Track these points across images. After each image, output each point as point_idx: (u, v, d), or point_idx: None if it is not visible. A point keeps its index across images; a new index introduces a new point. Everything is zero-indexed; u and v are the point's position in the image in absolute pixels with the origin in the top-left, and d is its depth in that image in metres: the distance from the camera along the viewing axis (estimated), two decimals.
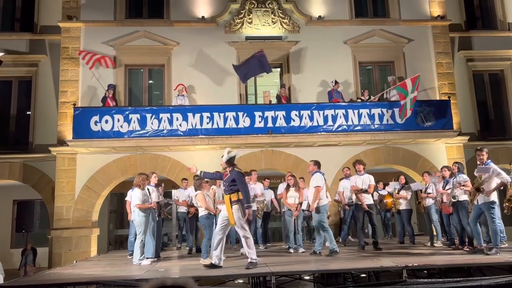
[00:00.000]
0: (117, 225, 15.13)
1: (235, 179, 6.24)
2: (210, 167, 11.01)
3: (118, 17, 12.88)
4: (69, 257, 10.96)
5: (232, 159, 6.44)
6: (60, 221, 11.43)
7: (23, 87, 13.34)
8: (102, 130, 11.18)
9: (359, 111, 11.75)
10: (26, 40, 13.28)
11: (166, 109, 11.64)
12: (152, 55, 12.80)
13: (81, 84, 12.20)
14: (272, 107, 11.78)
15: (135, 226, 7.67)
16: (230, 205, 6.21)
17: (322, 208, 7.67)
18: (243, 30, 12.97)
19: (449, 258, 6.86)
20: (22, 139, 12.85)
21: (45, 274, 7.08)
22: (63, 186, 11.60)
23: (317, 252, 7.70)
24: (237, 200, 6.20)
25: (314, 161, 7.96)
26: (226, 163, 6.39)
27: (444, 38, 13.42)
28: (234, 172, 6.31)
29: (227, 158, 6.39)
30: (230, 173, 6.33)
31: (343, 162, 11.79)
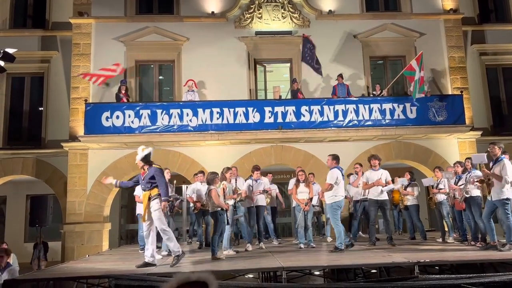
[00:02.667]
0: (128, 220, 15.27)
1: (154, 175, 6.40)
2: (220, 162, 11.13)
3: (128, 13, 12.94)
4: (81, 251, 11.11)
5: (148, 156, 6.53)
6: (72, 216, 11.58)
7: (35, 83, 13.51)
8: (113, 125, 11.27)
9: (370, 106, 11.66)
10: (38, 37, 13.41)
11: (176, 104, 11.68)
12: (162, 51, 12.83)
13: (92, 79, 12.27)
14: (282, 102, 11.75)
15: None
16: (149, 200, 6.38)
17: (335, 205, 7.56)
18: (253, 25, 12.94)
19: (461, 254, 6.80)
20: (35, 134, 13.03)
21: (59, 267, 7.19)
22: (75, 181, 11.74)
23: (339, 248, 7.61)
24: (157, 195, 6.37)
25: (333, 155, 7.78)
26: (142, 161, 6.48)
27: (456, 31, 13.23)
28: (153, 169, 6.46)
29: (142, 156, 6.49)
30: (148, 170, 6.44)
31: (354, 158, 11.73)
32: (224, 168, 8.10)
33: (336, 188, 7.53)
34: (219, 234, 7.26)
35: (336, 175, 7.53)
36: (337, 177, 7.52)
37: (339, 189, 7.55)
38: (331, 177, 7.54)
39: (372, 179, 8.29)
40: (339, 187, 7.55)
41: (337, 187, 7.53)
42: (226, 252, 7.66)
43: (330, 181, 7.53)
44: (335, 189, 7.52)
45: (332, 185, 7.51)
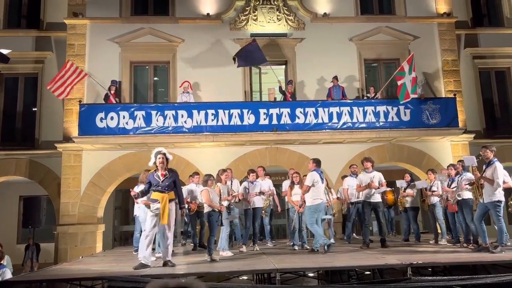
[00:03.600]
0: (122, 221, 15.21)
1: (176, 180, 6.58)
2: (215, 164, 11.14)
3: (123, 14, 12.91)
4: (75, 252, 11.06)
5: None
6: (66, 217, 11.53)
7: (29, 83, 13.44)
8: (107, 126, 11.24)
9: (364, 108, 11.73)
10: (32, 37, 13.35)
11: (171, 106, 11.67)
12: (157, 52, 12.82)
13: (87, 81, 12.25)
14: (277, 104, 11.79)
15: (140, 222, 7.72)
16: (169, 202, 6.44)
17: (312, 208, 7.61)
18: (248, 27, 12.97)
19: (454, 256, 6.85)
20: (29, 135, 12.96)
21: (52, 269, 7.15)
22: (69, 182, 11.68)
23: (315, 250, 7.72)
24: (173, 199, 6.50)
25: (313, 159, 8.00)
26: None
27: (450, 35, 13.35)
28: (175, 174, 6.67)
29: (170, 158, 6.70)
30: (169, 173, 6.54)
31: (348, 160, 11.80)
32: (219, 170, 8.12)
33: (314, 191, 7.58)
34: (214, 235, 7.27)
35: (313, 178, 7.63)
36: (314, 180, 7.60)
37: (318, 192, 7.61)
38: (308, 180, 7.67)
39: (365, 181, 8.36)
40: (317, 190, 7.61)
41: (315, 190, 7.58)
42: (224, 253, 7.67)
43: (307, 183, 7.68)
44: (313, 192, 7.58)
45: (309, 187, 7.61)
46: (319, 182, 7.63)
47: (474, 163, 7.18)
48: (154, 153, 6.61)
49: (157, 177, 6.49)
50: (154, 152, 6.62)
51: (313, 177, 7.63)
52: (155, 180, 6.50)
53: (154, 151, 6.66)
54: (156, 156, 6.56)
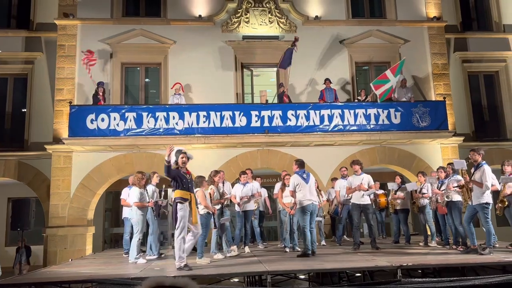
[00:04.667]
0: (113, 224, 15.11)
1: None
2: (206, 166, 11.11)
3: (115, 15, 12.85)
4: (64, 255, 10.95)
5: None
6: (55, 219, 11.41)
7: (18, 84, 13.28)
8: (98, 128, 11.16)
9: (355, 111, 11.80)
10: (22, 37, 13.20)
11: (162, 107, 11.63)
12: (149, 53, 12.78)
13: (77, 82, 12.17)
14: (268, 106, 11.81)
15: (132, 224, 7.68)
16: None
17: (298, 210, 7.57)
18: (240, 29, 12.99)
19: (443, 258, 6.92)
20: (18, 136, 12.80)
21: (41, 272, 7.08)
22: (58, 184, 11.57)
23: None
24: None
25: (296, 160, 7.91)
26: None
27: (440, 39, 13.50)
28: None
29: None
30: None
31: (339, 162, 11.87)
32: (212, 172, 8.11)
33: (301, 193, 7.51)
34: (205, 237, 7.26)
35: (292, 181, 7.60)
36: (294, 183, 7.55)
37: (304, 193, 7.51)
38: (290, 184, 7.67)
39: (354, 183, 8.41)
40: (303, 192, 7.50)
41: (301, 192, 7.50)
42: (215, 256, 7.66)
43: (289, 188, 7.70)
44: (300, 193, 7.51)
45: (292, 192, 7.61)
46: (301, 184, 7.53)
47: (464, 167, 7.27)
48: (175, 151, 6.40)
49: (185, 175, 6.34)
50: (175, 151, 6.41)
51: (294, 180, 7.61)
52: (184, 177, 6.32)
53: (174, 149, 6.42)
54: (178, 155, 6.37)
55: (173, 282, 1.41)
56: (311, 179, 7.70)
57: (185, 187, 6.29)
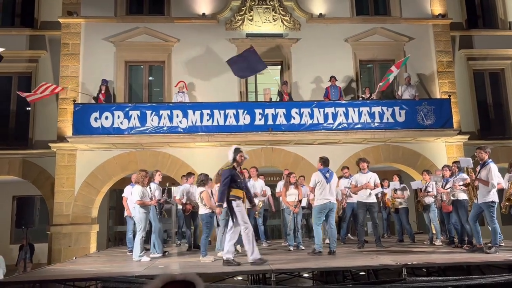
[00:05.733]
0: (117, 222, 15.13)
1: None
2: (210, 164, 11.12)
3: (118, 13, 12.85)
4: (68, 253, 10.98)
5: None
6: (59, 217, 11.44)
7: (23, 82, 13.31)
8: (102, 126, 11.17)
9: (360, 109, 11.75)
10: (26, 36, 13.24)
11: (166, 106, 11.62)
12: (153, 52, 12.77)
13: (81, 80, 12.18)
14: (272, 104, 11.77)
15: (135, 222, 7.68)
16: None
17: (317, 208, 7.47)
18: (244, 27, 12.95)
19: (449, 257, 6.88)
20: (22, 135, 12.84)
21: (45, 270, 7.09)
22: (62, 182, 11.60)
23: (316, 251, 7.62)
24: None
25: (320, 158, 7.77)
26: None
27: (445, 36, 13.41)
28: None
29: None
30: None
31: (343, 160, 11.81)
32: (219, 170, 8.09)
33: (320, 191, 7.44)
34: (208, 236, 7.25)
35: (314, 178, 7.53)
36: (315, 180, 7.49)
37: (323, 192, 7.42)
38: (311, 180, 7.62)
39: (361, 182, 8.37)
40: (323, 190, 7.42)
41: (321, 190, 7.43)
42: (219, 254, 7.64)
43: (310, 184, 7.66)
44: (319, 192, 7.45)
45: (311, 188, 7.58)
46: (322, 182, 7.43)
47: (470, 165, 7.21)
48: (233, 149, 6.44)
49: (239, 174, 6.36)
50: (233, 149, 6.45)
51: (315, 177, 7.54)
52: (238, 177, 6.36)
53: (232, 148, 6.47)
54: (236, 153, 6.39)
55: (184, 277, 1.49)
56: (333, 179, 7.56)
57: (239, 186, 6.33)
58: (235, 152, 6.41)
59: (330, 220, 7.57)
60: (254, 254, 6.28)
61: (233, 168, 6.39)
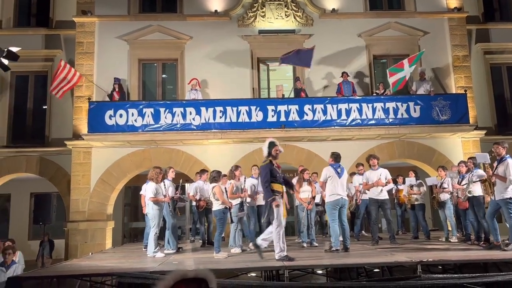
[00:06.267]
0: (132, 218, 15.32)
1: None
2: (223, 161, 11.16)
3: (132, 11, 12.95)
4: (85, 249, 11.15)
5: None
6: (76, 214, 11.63)
7: (39, 81, 13.55)
8: (116, 124, 11.30)
9: (373, 105, 11.64)
10: (42, 35, 13.45)
11: (179, 103, 11.69)
12: (166, 49, 12.84)
13: (96, 78, 12.33)
14: (285, 101, 11.74)
15: (149, 219, 7.76)
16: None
17: (330, 204, 7.41)
18: (256, 24, 12.93)
19: (465, 254, 6.78)
20: (39, 133, 13.07)
21: (62, 265, 7.22)
22: (78, 180, 11.77)
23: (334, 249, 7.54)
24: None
25: (332, 153, 7.71)
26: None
27: (461, 30, 13.17)
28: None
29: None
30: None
31: (357, 157, 11.72)
32: (233, 166, 8.14)
33: (330, 187, 7.38)
34: (222, 232, 7.28)
35: (325, 173, 7.46)
36: (327, 175, 7.41)
37: (334, 188, 7.35)
38: (322, 175, 7.56)
39: (371, 179, 8.30)
40: (333, 186, 7.35)
41: (331, 186, 7.36)
42: (233, 250, 7.68)
43: (320, 179, 7.62)
44: (329, 187, 7.38)
45: (322, 183, 7.54)
46: (334, 177, 7.36)
47: (487, 160, 7.08)
48: (268, 143, 6.32)
49: (276, 169, 6.26)
50: (268, 143, 6.33)
51: (326, 172, 7.48)
52: (276, 171, 6.24)
53: (267, 141, 6.37)
54: (271, 147, 6.27)
55: (196, 273, 1.49)
56: (344, 174, 7.49)
57: (278, 181, 6.24)
58: (270, 146, 6.29)
59: (342, 217, 7.49)
60: (282, 252, 6.20)
61: (270, 163, 6.26)
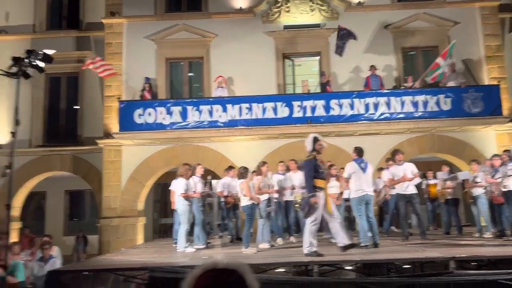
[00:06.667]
0: (161, 214, 15.63)
1: None
2: (249, 157, 11.21)
3: (158, 11, 13.16)
4: (117, 244, 11.47)
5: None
6: (108, 211, 11.97)
7: (71, 82, 14.00)
8: (145, 122, 11.56)
9: (402, 98, 11.42)
10: (72, 38, 13.89)
11: (206, 101, 11.83)
12: (192, 48, 13.00)
13: (125, 78, 12.61)
14: (311, 96, 11.68)
15: (179, 214, 7.91)
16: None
17: (355, 200, 7.32)
18: (281, 19, 12.89)
19: (500, 250, 6.59)
20: (72, 132, 13.54)
21: (97, 260, 7.48)
22: (110, 177, 12.11)
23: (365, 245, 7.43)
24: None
25: (354, 148, 7.62)
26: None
27: (493, 19, 12.71)
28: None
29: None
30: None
31: (386, 151, 11.51)
32: (260, 162, 8.17)
33: (355, 182, 7.26)
34: (250, 227, 7.34)
35: (348, 169, 7.35)
36: (350, 171, 7.31)
37: (359, 184, 7.22)
38: (345, 171, 7.47)
39: (397, 174, 8.16)
40: (358, 181, 7.22)
41: (356, 181, 7.24)
42: (261, 245, 7.73)
43: (344, 175, 7.56)
44: (354, 183, 7.26)
45: (345, 179, 7.46)
46: (358, 172, 7.26)
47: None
48: (312, 139, 6.27)
49: (320, 164, 6.24)
50: (311, 138, 6.28)
51: (349, 168, 7.38)
52: (320, 167, 6.21)
53: (310, 136, 6.34)
54: (315, 142, 6.22)
55: (226, 264, 1.44)
56: (369, 169, 7.36)
57: (321, 177, 6.21)
58: (314, 142, 6.24)
59: (368, 213, 7.36)
60: (311, 247, 6.20)
61: (314, 158, 6.21)
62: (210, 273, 1.42)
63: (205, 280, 1.41)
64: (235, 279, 1.42)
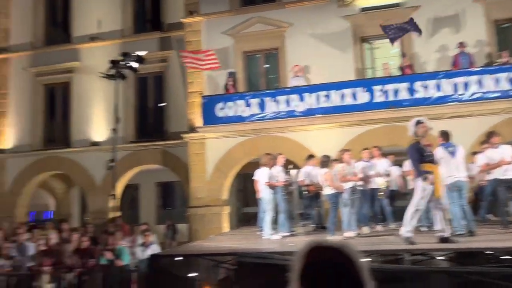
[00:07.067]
0: (244, 204, 16.13)
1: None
2: (328, 146, 11.06)
3: (233, 6, 13.46)
4: (204, 232, 12.09)
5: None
6: (195, 200, 12.65)
7: (156, 81, 14.99)
8: (226, 115, 11.98)
9: (496, 76, 10.45)
10: (156, 39, 14.84)
11: (283, 91, 11.91)
12: (267, 39, 13.11)
13: (206, 74, 13.14)
14: (392, 79, 11.19)
15: (264, 203, 8.13)
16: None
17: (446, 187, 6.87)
18: (357, 2, 12.44)
19: None
20: (159, 128, 14.57)
21: (189, 246, 7.99)
22: (196, 169, 12.76)
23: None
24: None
25: (440, 131, 7.25)
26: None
27: None
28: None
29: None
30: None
31: (478, 134, 10.66)
32: (342, 150, 8.08)
33: (445, 168, 6.81)
34: (335, 215, 7.31)
35: (436, 155, 6.83)
36: (439, 156, 6.84)
37: (449, 169, 6.81)
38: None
39: (493, 159, 7.53)
40: (448, 167, 6.80)
41: (446, 167, 6.80)
42: (346, 233, 7.67)
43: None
44: (445, 169, 6.80)
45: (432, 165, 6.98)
46: (447, 157, 6.89)
47: None
48: (414, 122, 6.17)
49: (425, 148, 6.15)
50: (414, 122, 6.18)
51: (437, 154, 6.96)
52: (424, 150, 6.13)
53: (413, 120, 6.22)
54: (416, 125, 6.12)
55: (330, 244, 1.47)
56: (458, 152, 6.98)
57: (429, 160, 6.10)
58: (416, 125, 6.10)
59: (462, 201, 6.99)
60: (409, 233, 6.10)
61: (417, 142, 6.07)
62: (317, 251, 1.46)
63: (312, 258, 1.45)
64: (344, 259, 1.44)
